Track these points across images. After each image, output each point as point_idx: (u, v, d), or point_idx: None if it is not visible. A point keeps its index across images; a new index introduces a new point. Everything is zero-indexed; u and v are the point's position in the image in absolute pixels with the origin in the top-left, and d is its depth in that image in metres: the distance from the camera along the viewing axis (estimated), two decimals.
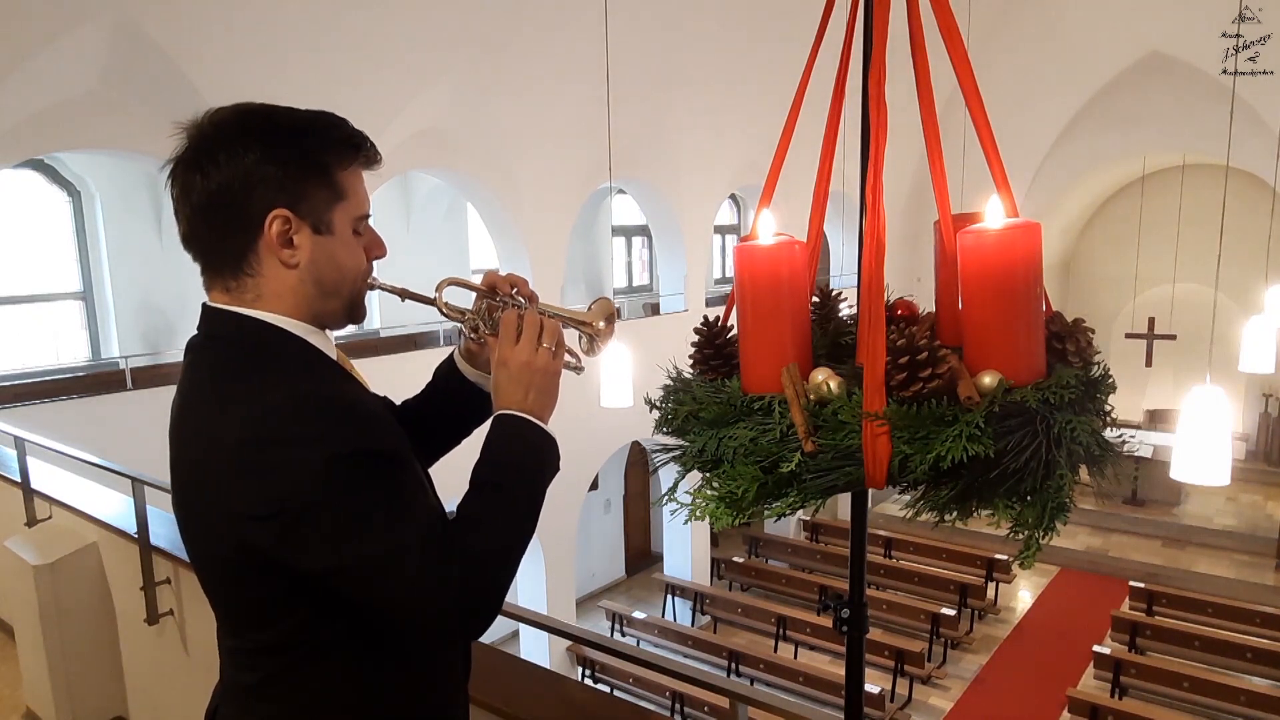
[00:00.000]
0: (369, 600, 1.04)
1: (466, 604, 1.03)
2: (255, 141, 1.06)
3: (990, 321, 0.99)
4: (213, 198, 1.06)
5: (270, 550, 1.02)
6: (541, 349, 1.18)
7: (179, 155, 1.08)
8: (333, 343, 1.20)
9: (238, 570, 1.08)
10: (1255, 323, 6.07)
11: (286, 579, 1.04)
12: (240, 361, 1.09)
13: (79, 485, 3.58)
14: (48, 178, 7.41)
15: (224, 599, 1.15)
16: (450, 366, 1.43)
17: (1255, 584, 10.39)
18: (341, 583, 1.03)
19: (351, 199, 1.14)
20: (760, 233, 1.10)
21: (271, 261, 1.09)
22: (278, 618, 1.09)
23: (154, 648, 2.96)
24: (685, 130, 9.25)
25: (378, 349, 7.84)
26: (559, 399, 1.21)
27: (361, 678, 1.13)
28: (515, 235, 8.34)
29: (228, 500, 1.03)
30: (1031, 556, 0.99)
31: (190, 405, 1.11)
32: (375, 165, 1.17)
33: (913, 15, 1.12)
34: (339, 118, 1.14)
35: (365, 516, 1.00)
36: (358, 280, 1.17)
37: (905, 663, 8.05)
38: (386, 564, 1.00)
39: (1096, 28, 11.06)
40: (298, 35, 5.82)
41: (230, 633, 1.17)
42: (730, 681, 1.89)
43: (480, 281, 1.32)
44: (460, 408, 1.41)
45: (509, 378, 1.17)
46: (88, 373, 7.23)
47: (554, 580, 9.08)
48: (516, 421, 1.15)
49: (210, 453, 1.04)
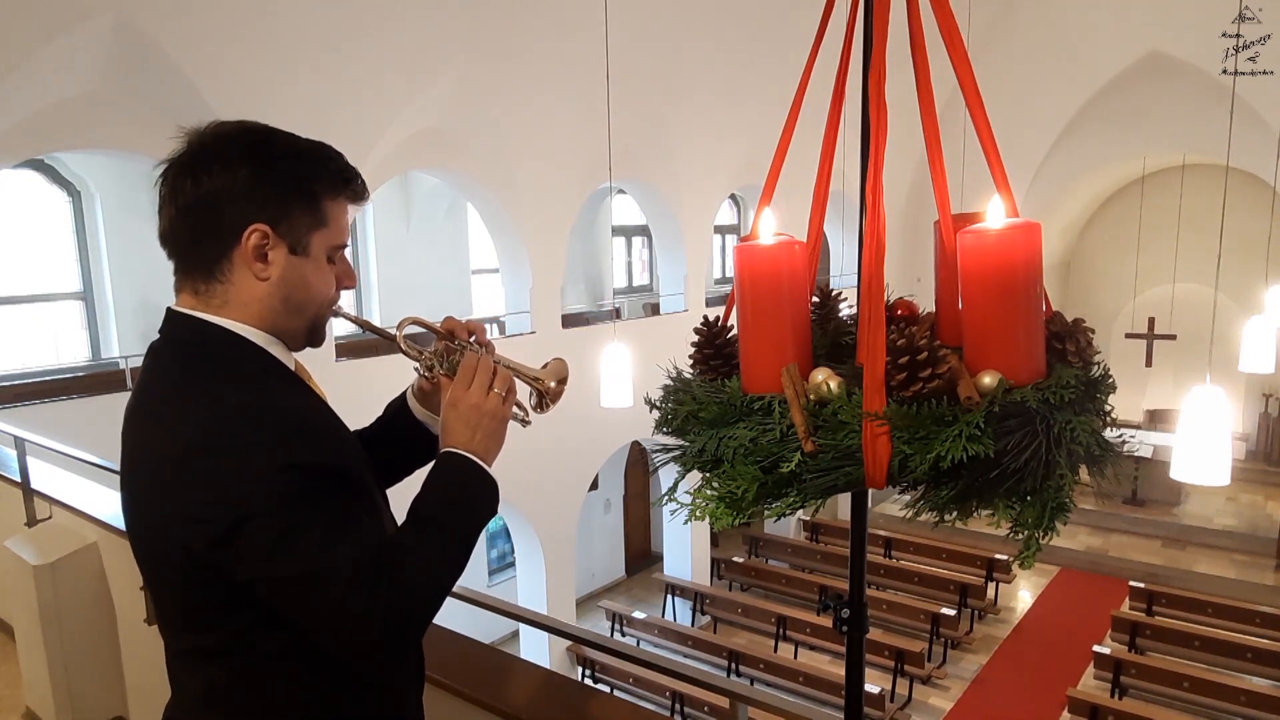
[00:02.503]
0: (293, 615, 1.06)
1: (387, 631, 1.04)
2: (251, 158, 1.10)
3: (990, 321, 0.99)
4: (198, 202, 1.10)
5: (205, 555, 1.03)
6: (493, 394, 1.22)
7: (175, 157, 1.11)
8: (292, 357, 1.22)
9: (178, 572, 1.09)
10: (1255, 323, 6.08)
11: (225, 584, 1.05)
12: (197, 366, 1.11)
13: (79, 485, 3.58)
14: (48, 178, 7.41)
15: (167, 600, 1.16)
16: (401, 404, 1.46)
17: (1255, 584, 10.39)
18: (269, 594, 1.05)
19: (332, 227, 1.17)
20: (760, 233, 1.10)
21: (244, 271, 1.12)
22: (219, 622, 1.10)
23: (154, 648, 2.95)
24: (685, 130, 9.24)
25: (377, 349, 7.83)
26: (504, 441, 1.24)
27: (309, 687, 1.15)
28: (515, 235, 8.34)
29: (171, 501, 1.05)
30: (1031, 556, 0.99)
31: (144, 406, 1.13)
32: (362, 201, 1.21)
33: (913, 15, 1.11)
34: (336, 151, 1.18)
35: (301, 533, 1.02)
36: (323, 305, 1.20)
37: (905, 663, 8.05)
38: (314, 583, 1.02)
39: (1096, 28, 11.05)
40: (298, 35, 5.81)
41: (174, 635, 1.18)
42: (730, 681, 1.89)
43: (440, 324, 1.35)
44: (406, 446, 1.44)
45: (458, 417, 1.20)
46: (88, 373, 7.24)
47: (554, 580, 9.08)
48: (460, 460, 1.18)
49: (159, 453, 1.07)
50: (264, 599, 1.05)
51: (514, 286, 8.60)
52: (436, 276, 10.62)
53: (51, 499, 3.44)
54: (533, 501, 8.59)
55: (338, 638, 1.05)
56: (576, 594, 9.93)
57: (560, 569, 9.19)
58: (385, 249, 10.28)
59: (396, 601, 1.04)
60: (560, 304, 9.00)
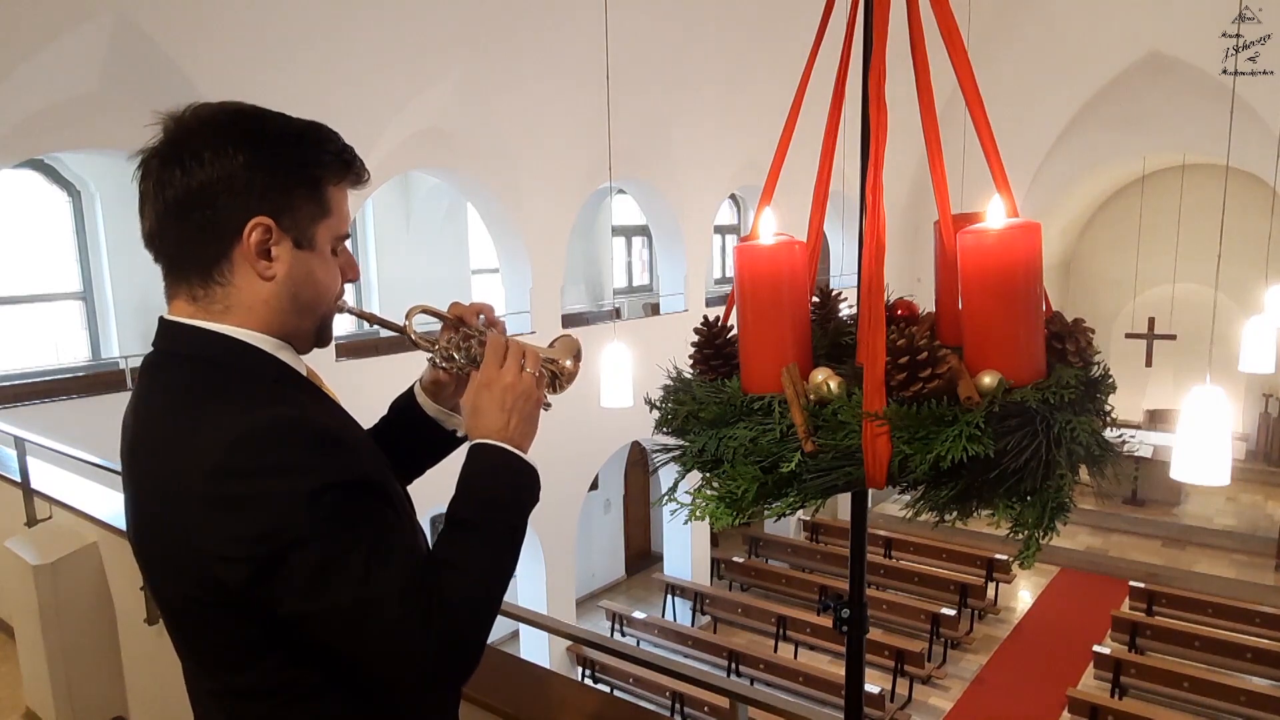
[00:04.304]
0: (343, 647, 0.98)
1: (445, 657, 0.97)
2: (247, 143, 0.99)
3: (990, 321, 0.99)
4: (191, 196, 0.98)
5: (241, 591, 0.94)
6: (526, 373, 1.14)
7: (156, 146, 1.00)
8: (303, 361, 1.12)
9: (208, 610, 0.99)
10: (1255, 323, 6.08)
11: (260, 620, 0.97)
12: (207, 382, 1.00)
13: (79, 485, 3.58)
14: (48, 178, 7.41)
15: (195, 640, 1.06)
16: (409, 400, 1.35)
17: (1255, 584, 10.39)
18: (314, 630, 0.96)
19: (336, 216, 1.08)
20: (760, 232, 1.10)
21: (246, 271, 1.02)
22: (253, 660, 1.01)
23: (154, 648, 2.96)
24: (685, 130, 9.25)
25: (378, 349, 7.84)
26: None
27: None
28: (515, 235, 8.34)
29: (199, 537, 0.94)
30: (1031, 556, 0.99)
31: (150, 432, 1.01)
32: (362, 184, 1.12)
33: (913, 15, 1.11)
34: (333, 131, 1.08)
35: (346, 559, 0.93)
36: (332, 301, 1.11)
37: (905, 663, 8.05)
38: (363, 615, 0.94)
39: (1096, 28, 11.06)
40: (298, 35, 5.82)
41: (204, 673, 1.08)
42: (730, 681, 1.89)
43: (448, 311, 1.27)
44: (417, 445, 1.34)
45: (491, 400, 1.11)
46: (88, 373, 7.24)
47: (554, 580, 9.08)
48: (496, 452, 1.09)
49: (179, 487, 0.95)
50: (309, 633, 0.97)
51: (514, 287, 8.60)
52: (436, 276, 10.61)
53: (51, 499, 3.44)
54: None
55: (395, 666, 0.96)
56: (576, 594, 9.94)
57: (560, 569, 9.19)
58: (385, 249, 10.28)
59: (450, 623, 0.96)
60: (560, 304, 9.00)
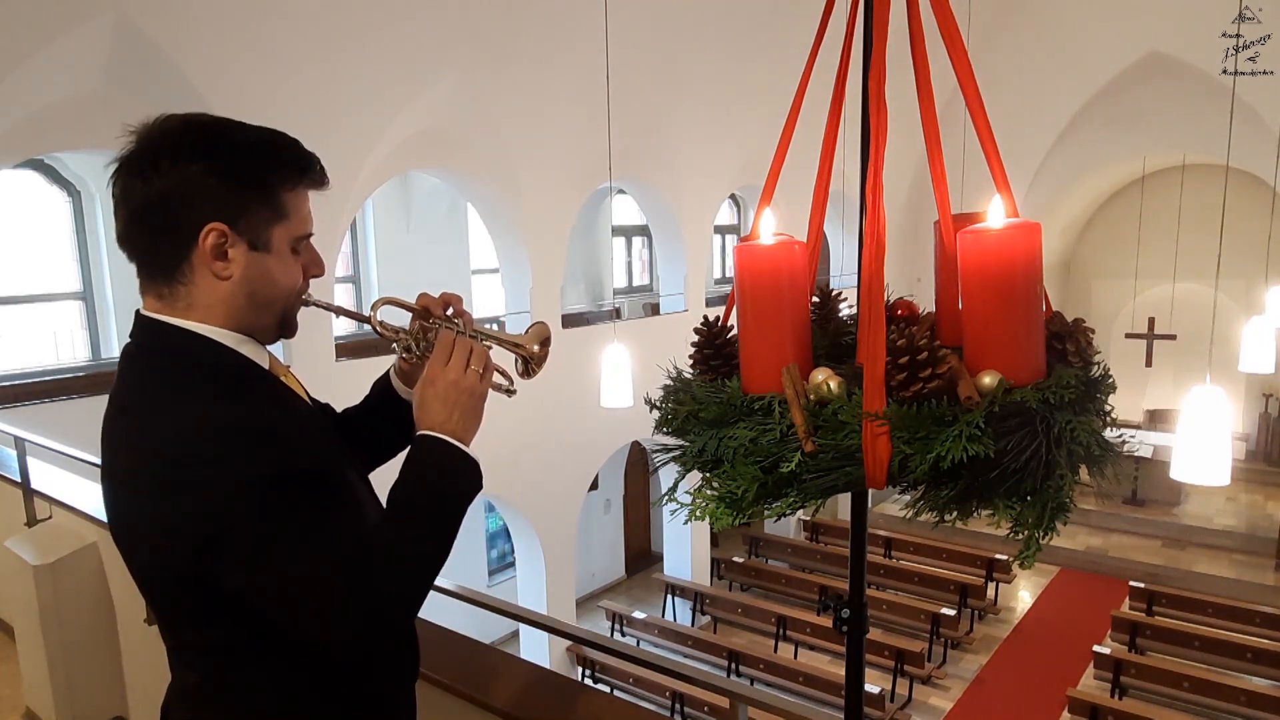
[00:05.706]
0: (277, 619, 1.06)
1: (370, 623, 1.05)
2: (201, 154, 1.06)
3: (990, 321, 0.99)
4: (150, 204, 1.06)
5: (183, 568, 1.04)
6: (470, 370, 1.19)
7: (124, 156, 1.08)
8: (265, 351, 1.20)
9: (161, 578, 1.11)
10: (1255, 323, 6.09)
11: (206, 590, 1.06)
12: (165, 374, 1.09)
13: (79, 485, 3.58)
14: (48, 178, 7.41)
15: (156, 601, 1.17)
16: (386, 383, 1.45)
17: (1255, 584, 10.39)
18: (252, 601, 1.05)
19: (293, 219, 1.14)
20: (760, 233, 1.10)
21: (204, 272, 1.09)
22: (203, 624, 1.11)
23: (154, 648, 2.95)
24: (685, 130, 9.24)
25: (378, 348, 7.83)
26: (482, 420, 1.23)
27: (292, 684, 1.16)
28: (515, 235, 8.33)
29: (147, 513, 1.06)
30: (1031, 556, 0.99)
31: (119, 414, 1.12)
32: (323, 187, 1.17)
33: (913, 15, 1.11)
34: (290, 138, 1.14)
35: (277, 542, 1.01)
36: (291, 297, 1.18)
37: (905, 663, 8.05)
38: (294, 589, 1.02)
39: (1096, 28, 11.05)
40: (298, 35, 5.81)
41: (168, 631, 1.19)
42: (730, 681, 1.89)
43: (415, 302, 1.34)
44: (392, 425, 1.41)
45: (435, 396, 1.17)
46: (88, 373, 7.23)
47: (554, 580, 9.08)
48: (437, 443, 1.16)
49: (132, 465, 1.07)
50: (249, 604, 1.06)
51: (514, 287, 8.60)
52: (436, 276, 10.60)
53: (51, 499, 3.44)
54: (533, 501, 8.58)
55: (320, 636, 1.06)
56: (576, 594, 9.93)
57: (560, 569, 9.18)
58: (385, 249, 10.28)
59: (379, 594, 1.04)
60: (560, 304, 9.00)
